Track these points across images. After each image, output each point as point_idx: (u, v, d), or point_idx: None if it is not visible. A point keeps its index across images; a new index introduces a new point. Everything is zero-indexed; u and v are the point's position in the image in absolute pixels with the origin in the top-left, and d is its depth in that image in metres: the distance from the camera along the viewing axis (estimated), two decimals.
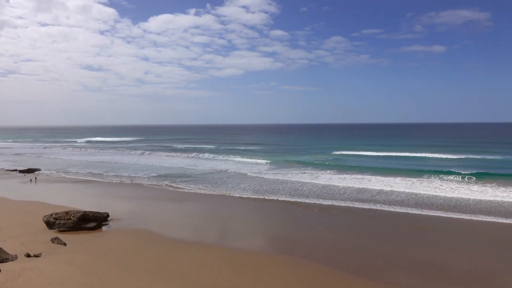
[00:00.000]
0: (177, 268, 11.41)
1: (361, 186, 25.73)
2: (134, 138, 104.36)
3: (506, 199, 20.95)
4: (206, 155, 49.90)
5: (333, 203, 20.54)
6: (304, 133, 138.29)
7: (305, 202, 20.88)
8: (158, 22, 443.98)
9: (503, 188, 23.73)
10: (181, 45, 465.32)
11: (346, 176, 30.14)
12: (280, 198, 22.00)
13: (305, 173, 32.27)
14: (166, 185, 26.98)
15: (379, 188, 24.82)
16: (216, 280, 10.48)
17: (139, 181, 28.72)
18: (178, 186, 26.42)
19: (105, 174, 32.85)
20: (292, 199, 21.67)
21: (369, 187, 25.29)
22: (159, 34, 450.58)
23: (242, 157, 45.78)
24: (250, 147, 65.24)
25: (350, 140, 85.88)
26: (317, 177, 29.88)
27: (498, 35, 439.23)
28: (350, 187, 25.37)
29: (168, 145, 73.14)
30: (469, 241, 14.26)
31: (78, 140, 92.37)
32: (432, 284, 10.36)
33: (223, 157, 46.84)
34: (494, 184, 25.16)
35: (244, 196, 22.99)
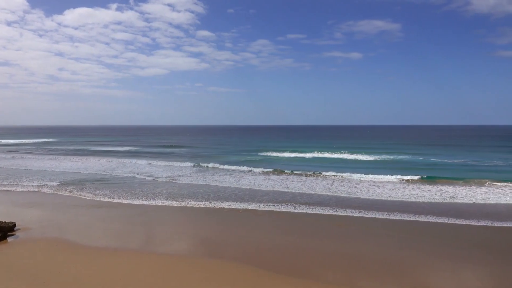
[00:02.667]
0: (98, 278, 10.55)
1: (285, 186, 26.37)
2: (44, 140, 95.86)
3: (419, 199, 22.76)
4: (127, 159, 46.34)
5: (258, 204, 20.70)
6: (230, 134, 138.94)
7: (231, 204, 20.74)
8: (75, 15, 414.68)
9: (413, 186, 26.20)
10: (101, 42, 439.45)
11: (272, 177, 30.80)
12: (205, 201, 21.59)
13: (231, 175, 32.30)
14: (81, 190, 24.95)
15: (302, 189, 25.58)
16: (141, 287, 9.89)
17: (49, 188, 26.07)
18: (94, 192, 24.50)
19: (6, 180, 29.14)
20: (217, 202, 21.39)
21: (293, 187, 26.03)
22: (76, 28, 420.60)
23: (166, 160, 44.24)
24: (174, 149, 63.78)
25: (276, 141, 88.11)
26: (241, 178, 30.09)
27: (408, 45, 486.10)
28: (275, 188, 25.82)
29: (84, 147, 68.40)
30: (385, 235, 15.22)
31: None
32: (354, 275, 10.89)
33: (145, 160, 44.60)
34: (410, 183, 27.57)
35: (167, 201, 22.05)
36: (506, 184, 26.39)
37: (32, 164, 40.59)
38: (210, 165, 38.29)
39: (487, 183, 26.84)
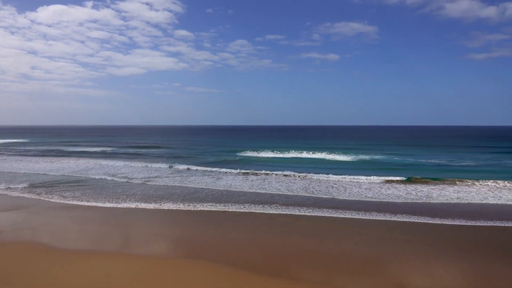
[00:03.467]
0: (74, 281, 10.30)
1: (263, 187, 26.43)
2: (15, 140, 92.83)
3: (395, 199, 23.19)
4: (102, 160, 45.24)
5: (235, 205, 20.65)
6: (208, 135, 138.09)
7: (208, 206, 20.60)
8: (49, 12, 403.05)
9: (388, 186, 26.75)
10: (76, 40, 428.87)
11: (250, 177, 30.82)
12: (181, 203, 21.38)
13: (208, 176, 32.14)
14: (51, 193, 24.20)
15: (280, 189, 25.70)
16: None
17: (17, 190, 25.12)
18: (64, 194, 23.84)
19: None
20: (194, 203, 21.22)
21: (271, 187, 26.10)
22: (50, 26, 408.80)
23: (142, 161, 43.55)
24: (151, 150, 62.95)
25: (255, 142, 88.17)
26: (219, 179, 29.98)
27: (384, 47, 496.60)
28: (253, 189, 25.83)
29: (57, 148, 66.61)
30: (361, 234, 15.49)
31: None
32: (332, 274, 11.01)
33: (121, 161, 43.81)
34: (386, 183, 28.11)
35: (143, 202, 21.67)
36: (476, 183, 27.29)
37: (0, 166, 39.22)
38: (187, 166, 37.90)
39: (460, 182, 27.68)
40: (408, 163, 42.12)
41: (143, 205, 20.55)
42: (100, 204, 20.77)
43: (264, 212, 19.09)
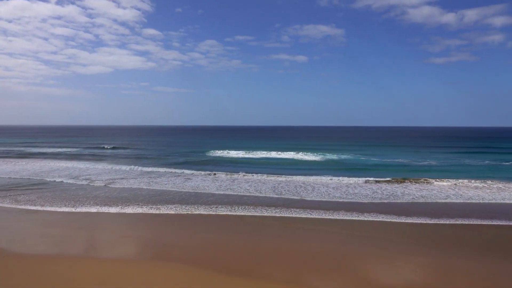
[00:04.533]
0: (35, 287, 9.87)
1: (232, 188, 26.38)
2: None
3: (362, 198, 23.68)
4: (65, 161, 43.34)
5: (204, 207, 20.49)
6: (177, 135, 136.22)
7: (175, 208, 20.31)
8: (10, 8, 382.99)
9: (355, 185, 27.41)
10: (39, 36, 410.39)
11: (219, 178, 30.69)
12: (147, 205, 20.94)
13: (177, 177, 31.74)
14: (12, 195, 23.15)
15: (249, 190, 25.74)
16: None
17: None
18: (26, 197, 22.83)
19: None
20: (161, 205, 20.86)
21: (240, 188, 26.10)
22: (10, 21, 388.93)
23: (107, 163, 42.43)
24: (118, 151, 61.43)
25: (225, 142, 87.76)
26: (187, 180, 29.68)
27: (350, 49, 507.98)
28: (222, 190, 25.73)
29: (17, 149, 63.74)
30: (329, 233, 15.81)
31: None
32: (301, 272, 11.17)
33: (85, 162, 42.37)
34: (353, 183, 28.73)
35: (106, 206, 21.00)
36: (438, 182, 28.43)
37: None
38: (155, 167, 37.27)
39: (424, 181, 28.74)
40: (374, 163, 43.30)
41: (106, 208, 19.76)
42: (61, 208, 19.82)
43: (233, 213, 19.01)
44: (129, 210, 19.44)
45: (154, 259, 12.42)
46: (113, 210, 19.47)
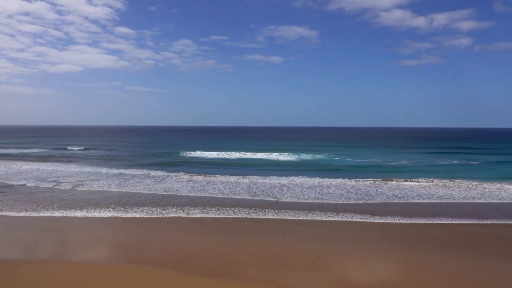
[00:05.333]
0: None
1: (206, 189, 26.15)
2: None
3: (337, 199, 23.89)
4: (32, 163, 41.38)
5: (177, 208, 20.22)
6: (151, 136, 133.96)
7: (148, 209, 19.90)
8: None
9: (329, 185, 27.72)
10: (5, 33, 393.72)
11: (193, 179, 30.37)
12: (121, 208, 20.45)
13: (150, 178, 31.18)
14: None
15: (223, 191, 25.58)
16: None
17: None
18: None
19: None
20: (134, 207, 20.39)
21: (214, 189, 25.89)
22: None
23: (77, 164, 41.16)
24: (88, 152, 59.82)
25: (199, 143, 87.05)
26: (161, 181, 29.22)
27: (324, 51, 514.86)
28: (196, 191, 25.45)
29: None
30: (304, 233, 15.91)
31: None
32: (277, 272, 11.17)
33: (54, 164, 40.81)
34: (327, 183, 29.01)
35: (76, 209, 20.33)
36: (409, 181, 29.16)
37: None
38: (127, 168, 36.30)
39: (396, 181, 29.39)
40: (348, 163, 43.98)
41: (72, 212, 18.82)
42: (24, 212, 18.87)
43: (207, 215, 18.70)
44: (98, 213, 18.64)
45: (127, 262, 12.12)
46: (79, 213, 18.52)
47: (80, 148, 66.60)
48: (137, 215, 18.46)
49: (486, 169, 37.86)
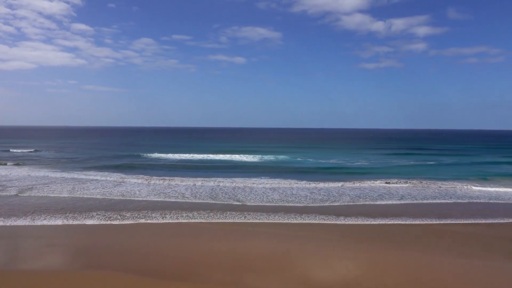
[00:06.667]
0: None
1: (166, 192, 25.37)
2: None
3: (301, 200, 23.75)
4: None
5: (137, 212, 19.46)
6: (110, 136, 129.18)
7: (105, 215, 18.99)
8: None
9: (291, 186, 27.63)
10: None
11: (155, 182, 29.32)
12: (75, 214, 19.44)
13: (108, 181, 29.80)
14: None
15: (185, 194, 24.96)
16: None
17: None
18: None
19: None
20: (90, 213, 19.40)
21: (175, 192, 25.14)
22: None
23: (27, 167, 38.72)
24: (40, 153, 56.64)
25: (161, 144, 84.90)
26: (118, 185, 27.99)
27: (287, 53, 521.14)
28: (155, 195, 24.60)
29: None
30: (268, 234, 15.93)
31: None
32: (241, 274, 11.14)
33: (3, 168, 38.27)
34: (290, 184, 28.90)
35: (30, 215, 19.17)
36: (369, 182, 29.70)
37: None
38: (82, 171, 34.58)
39: (357, 181, 29.82)
40: (310, 163, 44.39)
41: (19, 220, 17.37)
42: None
43: (166, 220, 18.00)
44: (47, 220, 17.20)
45: (85, 268, 11.62)
46: (24, 221, 17.01)
47: (32, 150, 62.89)
48: (90, 221, 17.30)
49: (441, 169, 39.40)
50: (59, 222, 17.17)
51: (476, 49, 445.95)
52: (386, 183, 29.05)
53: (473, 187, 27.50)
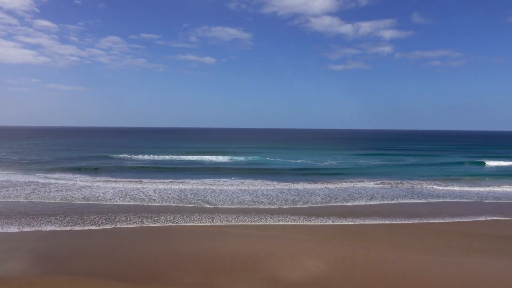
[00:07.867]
0: None
1: (132, 194, 24.71)
2: None
3: (262, 202, 23.68)
4: None
5: (102, 216, 18.85)
6: (74, 137, 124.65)
7: (67, 219, 18.27)
8: None
9: (252, 187, 27.55)
10: None
11: (121, 185, 28.45)
12: (36, 218, 18.74)
13: (70, 184, 28.69)
14: None
15: (152, 196, 24.38)
16: None
17: None
18: None
19: None
20: (49, 217, 18.62)
21: (141, 195, 24.52)
22: None
23: None
24: (1, 154, 53.86)
25: (128, 144, 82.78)
26: (82, 188, 26.97)
27: (258, 53, 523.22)
28: (119, 198, 23.93)
29: None
30: (238, 234, 15.85)
31: None
32: (211, 275, 11.00)
33: None
34: (261, 185, 28.79)
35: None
36: (340, 182, 30.13)
37: None
38: (42, 174, 33.01)
39: (329, 183, 30.16)
40: (280, 164, 44.57)
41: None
42: None
43: (138, 225, 17.47)
44: (1, 227, 16.11)
45: (47, 274, 11.15)
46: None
47: None
48: (49, 227, 16.35)
49: (407, 169, 40.56)
50: (14, 229, 16.09)
51: (439, 53, 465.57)
52: (355, 183, 29.52)
53: (437, 187, 28.43)
